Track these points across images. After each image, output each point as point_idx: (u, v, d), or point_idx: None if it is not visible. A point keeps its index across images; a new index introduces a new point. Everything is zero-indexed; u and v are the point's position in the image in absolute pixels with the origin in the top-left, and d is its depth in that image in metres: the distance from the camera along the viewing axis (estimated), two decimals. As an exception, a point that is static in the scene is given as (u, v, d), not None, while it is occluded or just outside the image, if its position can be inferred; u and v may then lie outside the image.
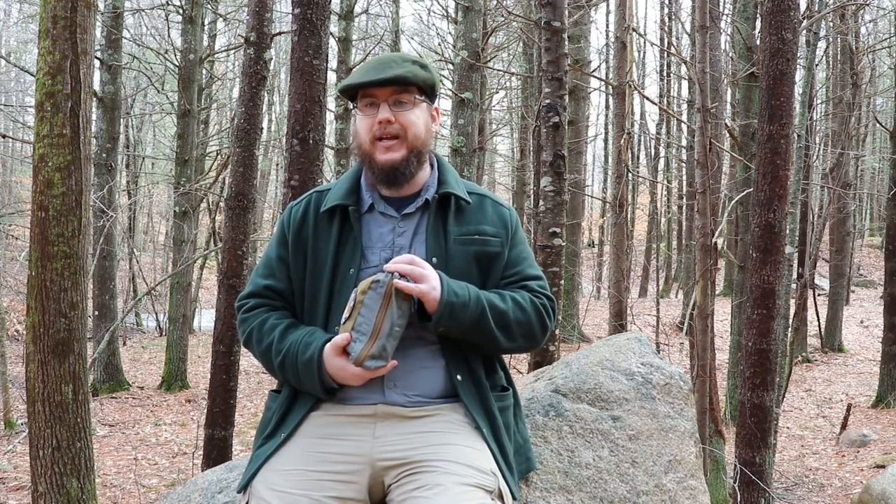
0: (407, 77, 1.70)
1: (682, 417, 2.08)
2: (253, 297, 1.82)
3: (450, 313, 1.63)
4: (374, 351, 1.58)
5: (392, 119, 1.70)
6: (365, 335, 1.58)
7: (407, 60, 1.74)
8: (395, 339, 1.60)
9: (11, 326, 13.98)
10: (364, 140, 1.73)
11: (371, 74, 1.70)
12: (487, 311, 1.67)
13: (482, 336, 1.69)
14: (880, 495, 5.60)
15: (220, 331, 5.22)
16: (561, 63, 4.34)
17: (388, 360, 1.60)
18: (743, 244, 8.71)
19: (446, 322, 1.64)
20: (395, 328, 1.59)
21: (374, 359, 1.59)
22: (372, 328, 1.57)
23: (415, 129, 1.73)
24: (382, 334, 1.57)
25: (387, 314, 1.57)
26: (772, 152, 4.51)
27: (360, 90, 1.73)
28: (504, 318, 1.70)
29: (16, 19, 26.10)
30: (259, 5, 5.38)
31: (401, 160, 1.71)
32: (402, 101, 1.72)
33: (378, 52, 15.93)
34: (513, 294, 1.75)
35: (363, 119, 1.73)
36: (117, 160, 12.10)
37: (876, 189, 25.91)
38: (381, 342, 1.58)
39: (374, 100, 1.72)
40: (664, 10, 19.89)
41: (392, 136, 1.71)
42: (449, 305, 1.62)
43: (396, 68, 1.70)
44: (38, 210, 3.81)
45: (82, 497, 3.85)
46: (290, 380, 1.72)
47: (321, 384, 1.65)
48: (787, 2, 4.50)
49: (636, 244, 23.07)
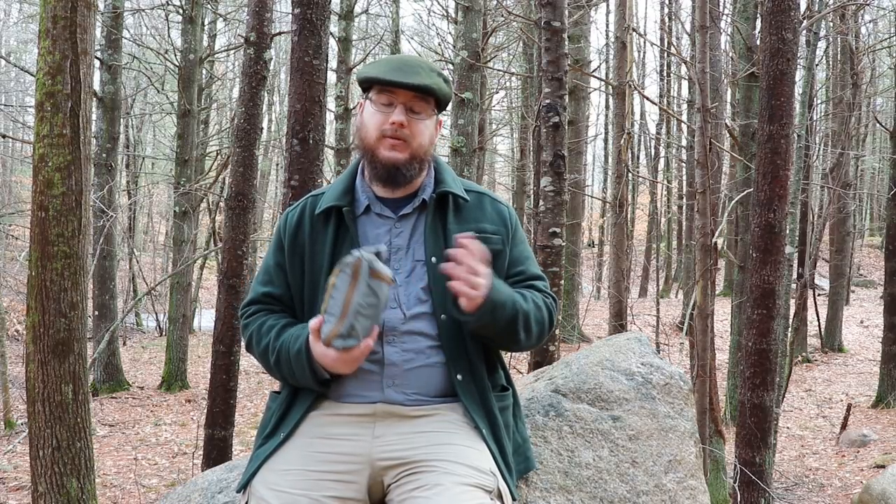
0: (432, 88, 1.70)
1: (682, 417, 2.08)
2: (253, 304, 1.83)
3: (492, 312, 1.63)
4: (342, 330, 1.56)
5: (405, 124, 1.70)
6: (334, 316, 1.57)
7: (433, 71, 1.74)
8: (368, 318, 1.57)
9: (11, 326, 13.98)
10: (371, 134, 1.73)
11: (398, 75, 1.69)
12: (519, 313, 1.68)
13: (506, 335, 1.69)
14: (880, 495, 5.60)
15: (220, 331, 5.22)
16: (561, 63, 4.34)
17: (359, 339, 1.57)
18: (743, 244, 8.70)
19: (487, 319, 1.63)
20: (365, 307, 1.56)
21: (341, 337, 1.57)
22: (341, 309, 1.56)
23: (421, 139, 1.73)
24: (350, 313, 1.55)
25: (354, 293, 1.55)
26: (772, 152, 4.51)
27: (380, 85, 1.72)
28: (528, 318, 1.71)
29: (16, 19, 26.11)
30: (259, 5, 5.38)
31: (404, 161, 1.71)
32: (419, 109, 1.72)
33: (378, 52, 15.94)
34: (530, 294, 1.76)
35: (375, 113, 1.72)
36: (117, 160, 12.11)
37: (876, 189, 25.91)
38: (349, 321, 1.56)
39: (392, 98, 1.71)
40: (664, 10, 19.89)
41: (400, 138, 1.71)
42: (492, 304, 1.62)
43: (424, 76, 1.70)
44: (38, 210, 3.81)
45: (82, 497, 3.85)
46: (286, 376, 1.72)
47: (313, 375, 1.65)
48: (787, 2, 4.50)
49: (636, 244, 23.07)
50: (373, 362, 1.69)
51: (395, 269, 1.72)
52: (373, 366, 1.69)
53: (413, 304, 1.71)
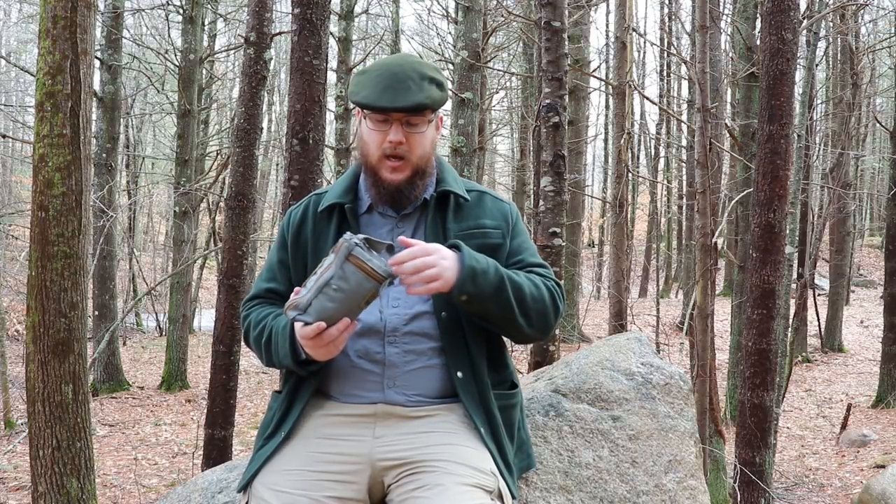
0: (425, 104, 1.67)
1: (682, 417, 2.08)
2: (255, 299, 1.84)
3: (472, 278, 1.60)
4: (300, 302, 1.53)
5: (403, 141, 1.69)
6: (305, 289, 1.55)
7: (424, 78, 1.68)
8: (332, 302, 1.52)
9: (11, 326, 13.98)
10: (372, 154, 1.71)
11: (388, 97, 1.65)
12: (506, 281, 1.65)
13: (502, 309, 1.65)
14: (880, 495, 5.60)
15: (220, 331, 5.22)
16: (561, 63, 4.34)
17: (313, 316, 1.52)
18: (743, 244, 8.71)
19: (470, 287, 1.60)
20: (331, 289, 1.51)
21: (296, 309, 1.53)
22: (312, 283, 1.54)
23: (422, 150, 1.72)
24: (314, 288, 1.52)
25: (327, 271, 1.52)
26: (772, 152, 4.51)
27: (371, 111, 1.70)
28: (521, 292, 1.67)
29: (16, 19, 26.10)
30: (259, 5, 5.38)
31: (405, 181, 1.71)
32: (415, 122, 1.70)
33: (378, 52, 15.91)
34: (525, 273, 1.73)
35: (372, 133, 1.71)
36: (117, 160, 12.10)
37: (876, 189, 25.91)
38: (309, 296, 1.52)
39: (386, 117, 1.69)
40: (664, 10, 19.89)
41: (399, 156, 1.70)
42: (471, 270, 1.59)
43: (415, 93, 1.65)
44: (38, 210, 3.81)
45: (82, 497, 3.85)
46: (272, 355, 1.71)
47: (293, 352, 1.63)
48: (787, 2, 4.50)
49: (636, 244, 23.08)
50: (374, 362, 1.69)
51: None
52: (374, 366, 1.69)
53: (414, 303, 1.71)
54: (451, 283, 1.58)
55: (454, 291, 1.60)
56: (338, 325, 1.54)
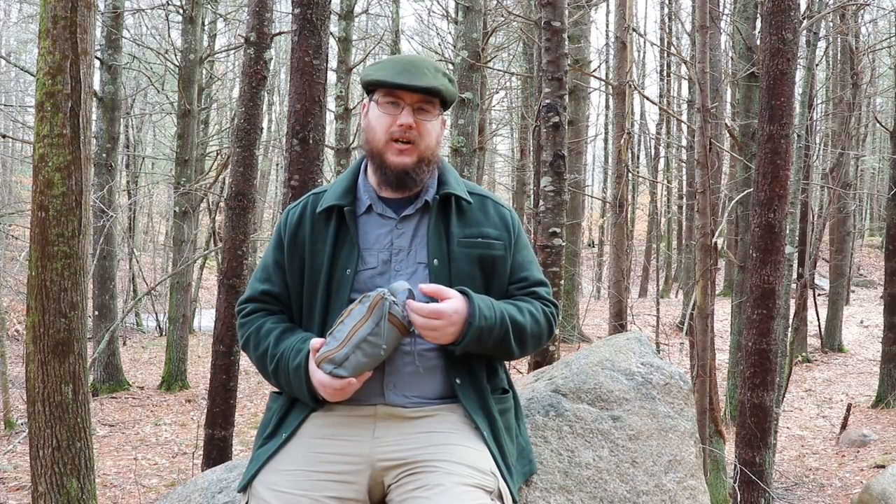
0: (439, 90, 1.70)
1: (682, 417, 2.08)
2: (251, 301, 1.82)
3: (477, 339, 1.64)
4: (336, 356, 1.56)
5: (413, 125, 1.69)
6: (337, 340, 1.57)
7: (438, 71, 1.73)
8: (367, 356, 1.57)
9: (11, 326, 13.98)
10: (379, 137, 1.72)
11: (405, 77, 1.68)
12: (510, 330, 1.69)
13: (499, 351, 1.71)
14: (880, 495, 5.60)
15: (220, 331, 5.22)
16: (561, 63, 4.34)
17: (349, 371, 1.57)
18: (743, 244, 8.70)
19: (473, 346, 1.65)
20: (366, 343, 1.56)
21: (332, 363, 1.57)
22: (345, 336, 1.56)
23: (429, 139, 1.73)
24: (351, 343, 1.55)
25: (363, 326, 1.55)
26: (772, 152, 4.51)
27: (386, 88, 1.71)
28: (523, 333, 1.72)
29: (16, 19, 26.11)
30: (259, 5, 5.38)
31: (412, 165, 1.71)
32: (426, 109, 1.71)
33: (378, 52, 15.93)
34: (528, 306, 1.76)
35: (382, 116, 1.71)
36: (117, 160, 12.10)
37: (876, 189, 25.92)
38: (346, 350, 1.56)
39: (398, 101, 1.70)
40: (664, 10, 19.89)
41: (408, 140, 1.70)
42: (478, 332, 1.63)
43: (431, 78, 1.69)
44: (38, 210, 3.81)
45: (82, 497, 3.85)
46: (283, 386, 1.72)
47: (309, 392, 1.65)
48: (787, 2, 4.49)
49: (636, 244, 23.08)
50: (374, 367, 1.70)
51: (396, 271, 1.71)
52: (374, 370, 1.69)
53: (414, 307, 1.71)
54: (456, 341, 1.63)
55: (457, 348, 1.64)
56: (362, 377, 1.61)
